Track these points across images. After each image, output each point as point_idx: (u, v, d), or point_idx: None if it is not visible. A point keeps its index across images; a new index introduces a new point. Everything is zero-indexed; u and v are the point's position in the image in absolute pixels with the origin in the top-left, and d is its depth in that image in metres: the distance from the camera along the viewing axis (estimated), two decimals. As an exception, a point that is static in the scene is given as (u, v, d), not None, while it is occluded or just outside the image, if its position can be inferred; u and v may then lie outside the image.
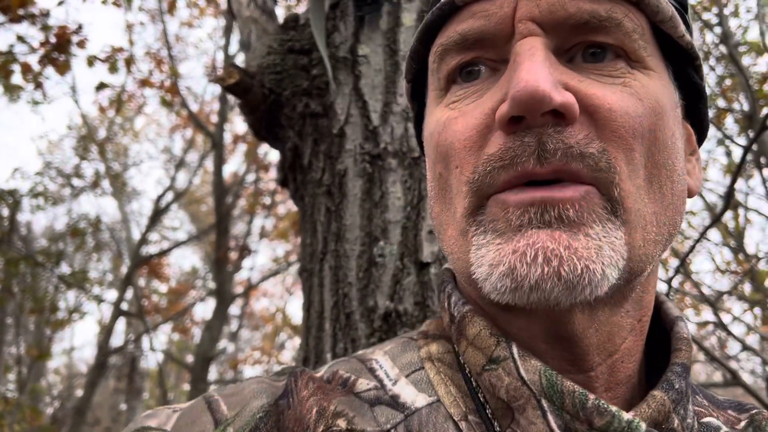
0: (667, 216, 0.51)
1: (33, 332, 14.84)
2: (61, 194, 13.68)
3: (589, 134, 0.47)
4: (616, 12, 0.49)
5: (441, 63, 0.54)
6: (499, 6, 0.50)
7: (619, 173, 0.47)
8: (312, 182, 1.25)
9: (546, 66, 0.47)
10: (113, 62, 8.00)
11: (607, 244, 0.46)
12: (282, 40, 1.34)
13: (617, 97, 0.48)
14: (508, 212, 0.47)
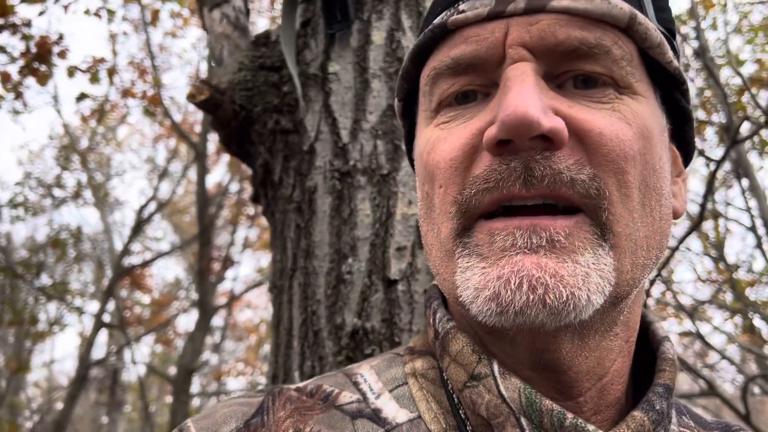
0: (656, 239, 0.52)
1: (12, 345, 14.64)
2: (41, 205, 13.54)
3: (579, 159, 0.48)
4: (605, 40, 0.50)
5: (433, 86, 0.55)
6: (490, 31, 0.51)
7: (609, 198, 0.48)
8: (282, 198, 1.25)
9: (536, 91, 0.47)
10: (95, 73, 7.96)
11: (595, 271, 0.47)
12: (253, 57, 1.34)
13: (607, 121, 0.49)
14: (495, 236, 0.48)
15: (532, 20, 0.50)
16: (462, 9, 0.52)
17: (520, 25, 0.50)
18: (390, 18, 1.26)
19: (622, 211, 0.49)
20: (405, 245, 1.09)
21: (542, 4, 0.50)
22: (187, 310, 14.39)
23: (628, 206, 0.49)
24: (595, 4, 0.50)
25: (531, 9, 0.50)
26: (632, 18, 0.51)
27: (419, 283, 1.06)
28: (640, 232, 0.50)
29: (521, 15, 0.50)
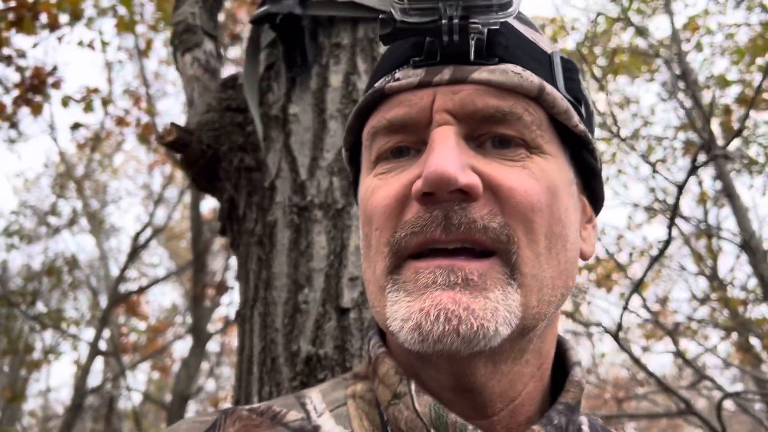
0: (562, 280, 0.60)
1: (7, 374, 14.57)
2: (37, 232, 13.58)
3: (492, 209, 0.57)
4: (517, 107, 0.59)
5: (373, 142, 0.63)
6: (420, 98, 0.60)
7: (518, 243, 0.57)
8: (246, 232, 1.32)
9: (455, 152, 0.56)
10: (89, 102, 8.07)
11: (503, 306, 0.55)
12: (220, 99, 1.43)
13: (517, 177, 0.58)
14: (419, 274, 0.56)
15: (455, 89, 0.59)
16: (398, 77, 0.61)
17: (445, 93, 0.59)
18: (346, 62, 1.35)
19: (529, 255, 0.57)
20: (357, 275, 1.17)
21: (464, 76, 0.59)
22: (183, 337, 14.36)
23: (535, 250, 0.58)
24: (508, 77, 0.59)
25: (454, 80, 0.59)
26: (541, 89, 0.60)
27: (370, 311, 1.13)
28: (546, 273, 0.58)
29: (446, 85, 0.59)
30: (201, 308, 10.26)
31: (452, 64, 0.59)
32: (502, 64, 0.60)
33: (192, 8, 1.63)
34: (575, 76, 0.66)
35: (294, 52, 1.34)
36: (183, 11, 1.62)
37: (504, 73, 0.59)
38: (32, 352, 13.46)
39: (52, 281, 13.00)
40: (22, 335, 12.74)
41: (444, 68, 0.59)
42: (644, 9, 7.91)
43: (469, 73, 0.59)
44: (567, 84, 0.64)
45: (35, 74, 7.41)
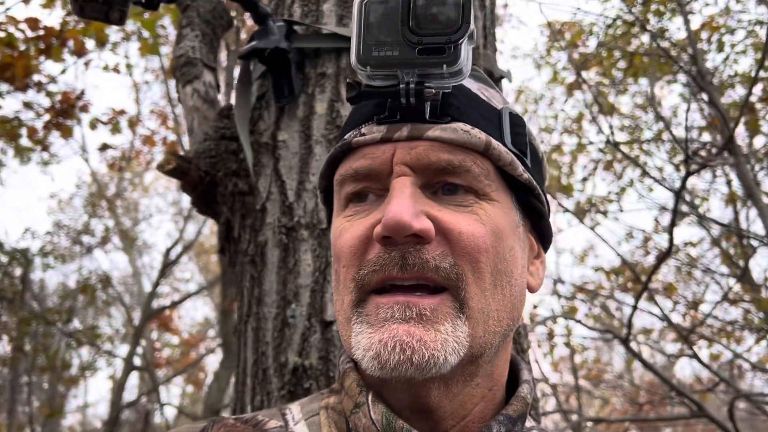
0: (507, 311, 0.70)
1: (46, 390, 14.92)
2: (71, 252, 13.91)
3: (444, 251, 0.66)
4: (466, 161, 0.68)
5: (341, 188, 0.73)
6: (382, 152, 0.69)
7: (466, 281, 0.66)
8: (241, 252, 1.42)
9: (410, 201, 0.65)
10: (115, 124, 8.31)
11: (452, 338, 0.64)
12: (217, 128, 1.53)
13: (466, 222, 0.67)
14: (379, 309, 0.65)
15: (412, 145, 0.68)
16: (363, 132, 0.71)
17: (403, 148, 0.68)
18: (331, 91, 1.44)
19: (476, 291, 0.66)
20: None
21: (419, 133, 0.68)
22: (214, 350, 14.55)
23: (481, 287, 0.67)
24: (458, 134, 0.68)
25: (411, 137, 0.68)
26: (487, 145, 0.69)
27: (352, 323, 1.21)
28: (492, 306, 0.68)
29: (405, 141, 0.68)
30: (230, 322, 10.42)
31: (410, 122, 0.69)
32: (454, 123, 0.69)
33: (192, 42, 1.74)
34: (522, 129, 0.76)
35: (282, 83, 1.44)
36: (184, 45, 1.73)
37: (454, 131, 0.68)
38: (69, 368, 13.79)
39: (86, 299, 13.31)
40: (59, 352, 13.05)
41: (403, 126, 0.69)
42: (662, 11, 7.88)
43: (425, 131, 0.68)
44: (513, 138, 0.73)
45: (64, 99, 7.67)
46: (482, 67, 1.45)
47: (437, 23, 0.63)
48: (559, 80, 9.57)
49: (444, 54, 0.63)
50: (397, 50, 0.63)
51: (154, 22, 7.86)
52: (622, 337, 2.93)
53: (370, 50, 0.64)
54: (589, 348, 12.00)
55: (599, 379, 11.28)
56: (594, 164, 8.82)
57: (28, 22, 6.67)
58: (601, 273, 9.17)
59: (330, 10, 1.51)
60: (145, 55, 9.40)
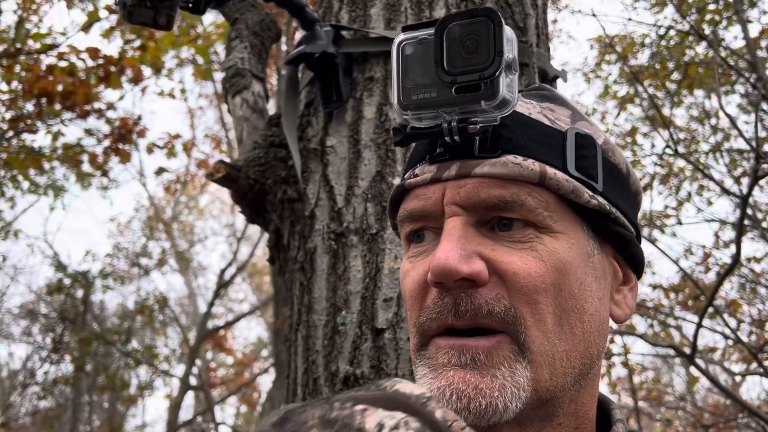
0: (578, 351, 0.65)
1: (106, 409, 15.27)
2: (130, 273, 14.29)
3: (499, 293, 0.63)
4: (520, 195, 0.65)
5: (401, 228, 0.72)
6: (432, 192, 0.67)
7: (525, 324, 0.62)
8: (290, 260, 1.40)
9: (458, 244, 0.62)
10: (171, 148, 8.54)
11: (510, 384, 0.61)
12: (265, 136, 1.53)
13: (522, 261, 0.63)
14: (438, 353, 0.63)
15: (461, 183, 0.65)
16: (416, 173, 0.69)
17: (453, 188, 0.66)
18: (379, 94, 1.42)
19: (536, 334, 0.62)
20: (391, 297, 1.22)
21: (468, 171, 0.65)
22: (267, 370, 14.66)
23: (543, 329, 0.63)
24: (508, 168, 0.64)
25: (460, 175, 0.66)
26: (542, 175, 0.65)
27: (404, 330, 1.17)
28: (558, 347, 0.64)
29: (453, 179, 0.66)
30: (283, 341, 10.48)
31: (459, 159, 0.66)
32: (504, 156, 0.65)
33: (241, 54, 1.75)
34: (590, 151, 0.70)
35: (330, 88, 1.42)
36: (233, 57, 1.75)
37: (504, 165, 0.65)
38: (128, 387, 14.09)
39: (144, 319, 13.63)
40: (118, 372, 13.36)
41: (452, 164, 0.66)
42: (717, 20, 7.66)
43: (473, 168, 0.65)
44: (579, 162, 0.68)
45: (122, 125, 7.93)
46: (535, 66, 1.40)
47: (470, 60, 0.61)
48: (611, 94, 9.38)
49: (481, 90, 0.60)
50: (435, 91, 0.62)
51: (207, 48, 8.08)
52: (688, 354, 2.79)
53: (409, 94, 0.63)
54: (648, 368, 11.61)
55: (660, 400, 10.87)
56: (650, 178, 8.58)
57: (89, 52, 6.93)
58: (660, 290, 8.88)
59: (378, 14, 1.49)
60: (198, 81, 9.66)
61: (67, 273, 11.88)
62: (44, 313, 12.98)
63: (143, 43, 7.07)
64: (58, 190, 9.61)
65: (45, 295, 12.30)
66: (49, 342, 12.56)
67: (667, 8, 8.29)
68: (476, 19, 0.62)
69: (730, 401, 8.18)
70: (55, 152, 8.06)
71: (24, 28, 7.71)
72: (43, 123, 7.44)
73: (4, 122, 7.29)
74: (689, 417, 9.57)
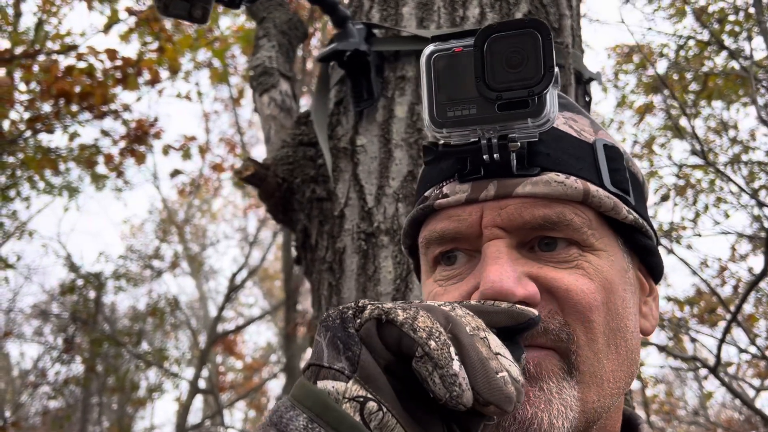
0: (623, 370, 0.63)
1: (115, 411, 15.29)
2: (142, 275, 14.32)
3: (552, 309, 0.60)
4: (565, 214, 0.62)
5: (427, 250, 0.68)
6: (468, 213, 0.63)
7: (577, 342, 0.60)
8: (318, 260, 1.38)
9: (509, 266, 0.59)
10: (186, 150, 8.56)
11: (558, 400, 0.58)
12: (294, 135, 1.51)
13: (572, 278, 0.61)
14: None
15: (502, 204, 0.61)
16: (446, 192, 0.64)
17: (492, 209, 0.62)
18: (411, 93, 1.40)
19: (588, 353, 0.60)
20: (422, 299, 1.19)
21: (508, 191, 0.61)
22: (276, 375, 14.64)
23: (594, 348, 0.60)
24: (552, 187, 0.61)
25: (499, 196, 0.62)
26: (586, 193, 0.62)
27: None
28: (606, 368, 0.61)
29: (492, 200, 0.62)
30: (293, 346, 10.47)
31: (496, 178, 0.62)
32: (545, 174, 0.62)
33: (269, 53, 1.74)
34: (620, 164, 0.67)
35: (361, 86, 1.40)
36: (261, 56, 1.73)
37: (547, 184, 0.61)
38: (138, 389, 14.10)
39: (155, 322, 13.64)
40: (128, 373, 13.37)
41: (488, 183, 0.62)
42: (737, 30, 7.60)
43: (514, 188, 0.61)
44: (612, 176, 0.65)
45: (138, 126, 7.96)
46: (571, 66, 1.38)
47: (516, 74, 0.56)
48: (628, 103, 9.33)
49: (528, 107, 0.56)
50: (474, 107, 0.57)
51: (224, 51, 8.11)
52: (711, 366, 2.74)
53: (444, 110, 0.58)
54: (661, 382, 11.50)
55: (672, 414, 10.76)
56: (667, 189, 8.51)
57: (107, 53, 6.97)
58: (674, 303, 8.80)
59: (410, 13, 1.47)
60: (215, 84, 9.69)
61: (79, 274, 11.92)
62: (56, 313, 13.03)
63: (161, 45, 7.11)
64: (72, 191, 9.65)
65: (57, 295, 12.35)
66: (61, 342, 12.61)
67: (687, 18, 8.24)
68: (522, 30, 0.57)
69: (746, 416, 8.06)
70: (71, 153, 8.10)
71: (43, 30, 7.77)
72: (60, 123, 7.49)
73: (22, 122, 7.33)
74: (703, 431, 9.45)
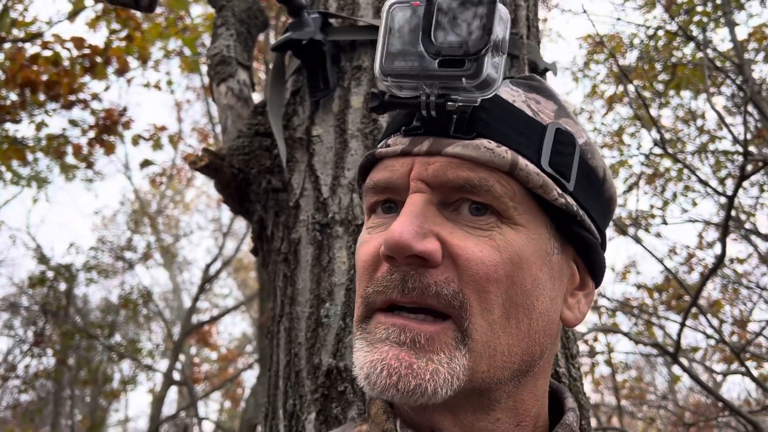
0: (521, 347, 0.64)
1: (88, 403, 15.14)
2: (114, 267, 14.15)
3: (449, 276, 0.61)
4: (488, 180, 0.63)
5: (366, 198, 0.70)
6: (401, 165, 0.65)
7: (470, 311, 0.61)
8: (274, 251, 1.37)
9: (416, 220, 0.61)
10: (157, 140, 8.45)
11: (446, 370, 0.60)
12: (250, 124, 1.50)
13: (478, 248, 0.62)
14: (378, 328, 0.62)
15: (431, 160, 0.63)
16: (389, 143, 0.67)
17: (421, 163, 0.64)
18: (367, 84, 1.39)
19: (481, 323, 0.61)
20: None
21: (439, 149, 0.63)
22: (252, 366, 14.60)
23: (489, 319, 0.61)
24: (480, 152, 0.62)
25: (430, 152, 0.64)
26: (513, 164, 0.63)
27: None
28: (501, 340, 0.62)
29: (423, 156, 0.64)
30: (265, 334, 10.44)
31: (433, 136, 0.64)
32: (478, 139, 0.63)
33: (227, 41, 1.72)
34: (568, 149, 0.68)
35: (317, 76, 1.39)
36: (218, 44, 1.71)
37: (476, 148, 0.63)
38: (111, 382, 13.97)
39: (128, 313, 13.51)
40: (101, 366, 13.23)
41: (425, 139, 0.64)
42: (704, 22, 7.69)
43: (445, 147, 0.63)
44: (553, 158, 0.66)
45: (107, 116, 7.82)
46: (525, 57, 1.38)
47: (458, 34, 0.58)
48: (599, 93, 9.40)
49: (464, 66, 0.58)
50: (417, 61, 0.59)
51: (195, 39, 8.00)
52: (672, 353, 2.79)
53: (392, 60, 0.61)
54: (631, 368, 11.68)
55: (642, 399, 10.94)
56: (636, 177, 8.61)
57: (74, 41, 6.84)
58: (644, 290, 8.92)
59: (366, 2, 1.47)
60: (185, 73, 9.56)
61: (50, 266, 11.74)
62: (26, 306, 12.83)
63: (130, 33, 6.99)
64: (41, 181, 9.48)
65: (27, 287, 12.15)
66: (31, 335, 12.43)
67: (656, 9, 8.32)
68: None
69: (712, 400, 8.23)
70: (39, 143, 7.95)
71: (8, 17, 7.59)
72: (26, 113, 7.33)
73: (-13, 111, 7.17)
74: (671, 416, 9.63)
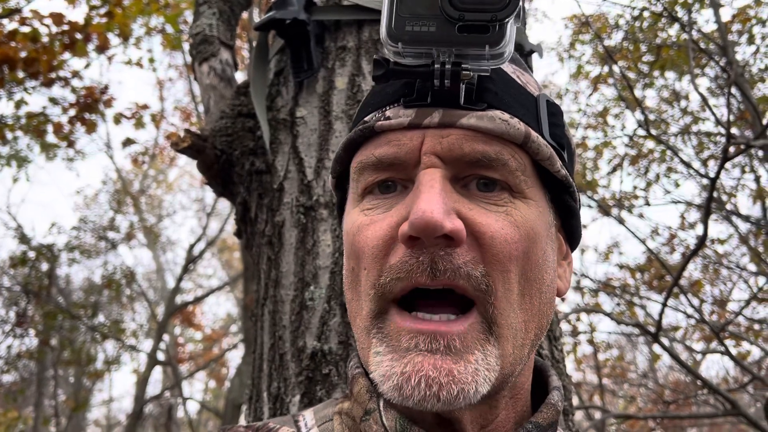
0: (535, 322, 0.63)
1: (72, 384, 15.10)
2: (97, 247, 14.03)
3: (475, 257, 0.59)
4: (503, 153, 0.61)
5: (359, 176, 0.65)
6: (409, 138, 0.61)
7: (495, 294, 0.59)
8: (258, 233, 1.36)
9: (441, 197, 0.58)
10: (139, 119, 8.34)
11: (483, 367, 0.58)
12: (233, 105, 1.48)
13: (499, 225, 0.60)
14: (401, 335, 0.58)
15: (444, 133, 0.60)
16: (388, 116, 0.63)
17: (434, 136, 0.61)
18: (352, 65, 1.37)
19: (504, 305, 0.59)
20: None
21: (453, 121, 0.60)
22: (236, 346, 14.61)
23: (510, 299, 0.60)
24: (496, 124, 0.60)
25: (443, 124, 0.61)
26: (527, 136, 0.61)
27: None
28: (519, 318, 0.61)
29: (435, 128, 0.61)
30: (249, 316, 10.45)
31: (442, 107, 0.61)
32: (490, 110, 0.61)
33: (209, 20, 1.69)
34: (559, 120, 0.68)
35: (301, 57, 1.37)
36: (201, 23, 1.68)
37: (492, 119, 0.60)
38: (94, 362, 13.92)
39: (111, 294, 13.42)
40: (84, 346, 13.17)
41: (434, 111, 0.61)
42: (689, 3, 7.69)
43: (458, 118, 0.60)
44: (551, 129, 0.66)
45: (88, 94, 7.70)
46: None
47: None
48: (584, 74, 9.40)
49: (488, 33, 0.56)
50: (434, 25, 0.56)
51: (177, 16, 7.88)
52: (652, 332, 2.82)
53: (403, 24, 0.57)
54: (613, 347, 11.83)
55: (623, 377, 11.10)
56: (620, 159, 8.66)
57: (53, 17, 6.71)
58: (626, 270, 9.02)
59: (351, -19, 1.44)
60: (167, 50, 9.42)
61: (31, 246, 11.61)
62: (7, 286, 12.71)
63: (110, 9, 6.86)
64: (21, 160, 9.34)
65: (8, 268, 12.02)
66: (13, 316, 12.32)
67: (642, -11, 8.30)
68: None
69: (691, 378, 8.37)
70: (18, 121, 7.82)
71: (-16, -9, 7.42)
72: (5, 90, 7.20)
73: (-36, 89, 7.04)
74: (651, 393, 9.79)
